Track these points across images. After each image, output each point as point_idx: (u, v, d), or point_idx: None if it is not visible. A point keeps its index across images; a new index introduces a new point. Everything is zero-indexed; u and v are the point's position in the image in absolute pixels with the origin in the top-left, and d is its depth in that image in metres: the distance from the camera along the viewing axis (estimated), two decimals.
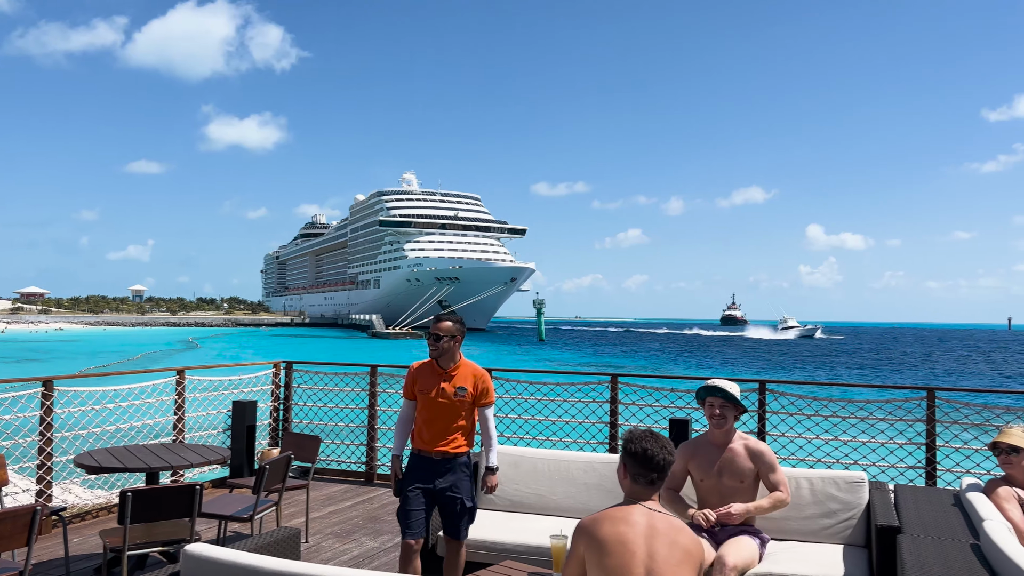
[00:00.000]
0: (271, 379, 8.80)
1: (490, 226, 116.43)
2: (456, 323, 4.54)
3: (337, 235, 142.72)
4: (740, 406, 4.45)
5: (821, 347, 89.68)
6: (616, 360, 60.05)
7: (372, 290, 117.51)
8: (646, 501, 2.94)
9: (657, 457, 2.93)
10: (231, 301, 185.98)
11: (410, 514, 4.38)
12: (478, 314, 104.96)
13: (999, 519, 3.80)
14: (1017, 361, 65.91)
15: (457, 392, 4.45)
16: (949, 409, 6.57)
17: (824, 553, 4.39)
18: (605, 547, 2.81)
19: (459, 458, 4.50)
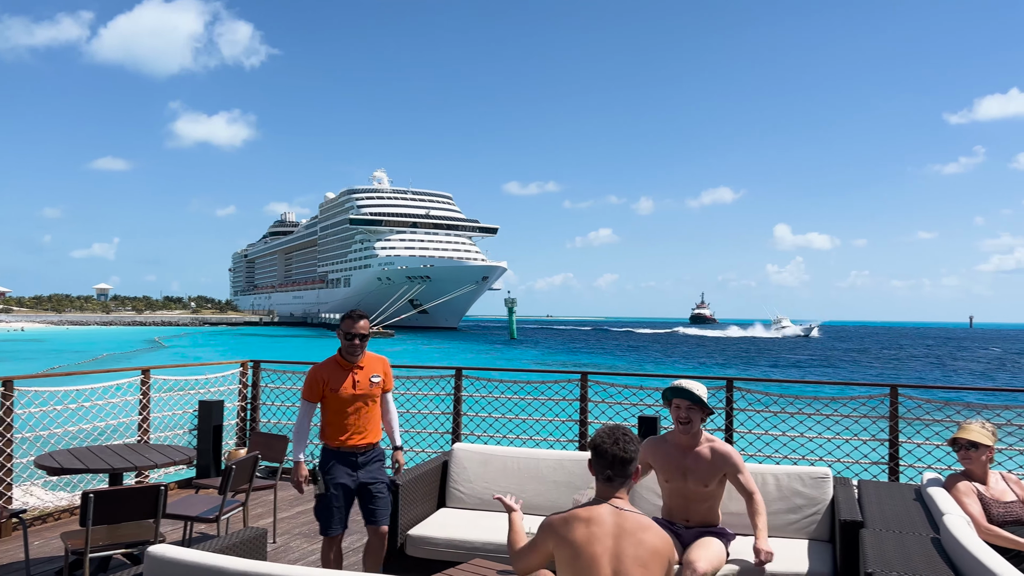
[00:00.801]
0: (238, 379, 8.70)
1: (462, 225, 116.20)
2: (369, 320, 4.74)
3: (307, 233, 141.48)
4: (707, 408, 4.35)
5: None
6: (591, 359, 60.26)
7: (342, 289, 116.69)
8: (613, 498, 2.94)
9: (609, 451, 2.92)
10: (199, 300, 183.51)
11: (336, 510, 4.55)
12: (449, 313, 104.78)
13: (958, 513, 3.89)
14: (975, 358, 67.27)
15: (372, 381, 4.66)
16: (912, 406, 6.69)
17: (789, 548, 4.45)
18: (575, 548, 2.82)
19: (377, 447, 4.75)
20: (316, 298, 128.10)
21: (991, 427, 4.47)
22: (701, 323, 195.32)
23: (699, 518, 4.26)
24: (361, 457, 4.63)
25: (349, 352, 4.61)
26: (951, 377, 48.04)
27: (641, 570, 2.77)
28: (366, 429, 4.66)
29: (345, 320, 4.63)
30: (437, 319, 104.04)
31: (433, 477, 5.26)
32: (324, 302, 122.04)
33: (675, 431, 4.36)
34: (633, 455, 2.95)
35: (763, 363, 56.56)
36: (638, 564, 2.77)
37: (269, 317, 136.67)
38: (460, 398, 8.00)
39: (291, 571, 2.63)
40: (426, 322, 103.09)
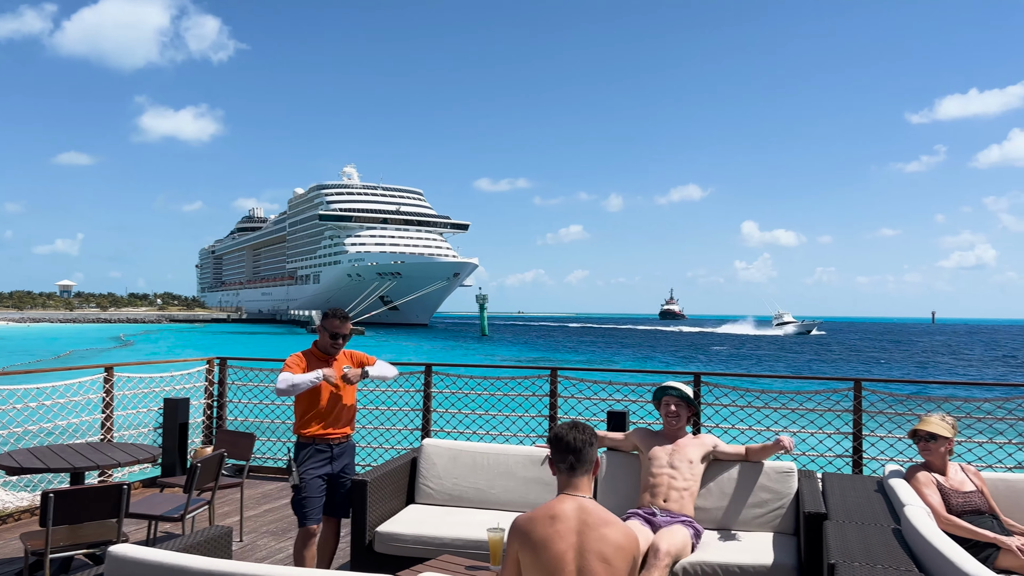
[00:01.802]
0: (205, 376, 8.59)
1: (433, 221, 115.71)
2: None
3: (275, 229, 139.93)
4: (693, 406, 4.93)
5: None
6: (562, 355, 60.38)
7: (312, 285, 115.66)
8: (576, 491, 2.94)
9: (567, 438, 2.95)
10: (165, 297, 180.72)
11: (314, 501, 4.62)
12: (421, 309, 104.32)
13: (918, 504, 3.96)
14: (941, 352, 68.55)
15: (352, 379, 4.70)
16: (875, 399, 6.80)
17: (755, 541, 4.50)
18: (538, 545, 2.81)
19: (351, 439, 4.86)
20: (285, 295, 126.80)
21: (951, 419, 4.56)
22: (670, 319, 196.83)
23: (675, 503, 4.51)
24: (336, 449, 4.72)
25: (330, 350, 4.72)
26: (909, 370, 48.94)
27: (604, 566, 2.77)
28: (341, 421, 4.75)
29: (331, 319, 4.70)
30: (408, 316, 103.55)
31: (402, 473, 5.24)
32: (293, 299, 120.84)
33: (664, 428, 4.91)
34: (593, 440, 3.02)
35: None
36: (601, 560, 2.77)
37: (237, 314, 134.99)
38: (430, 394, 7.98)
39: (255, 569, 2.60)
40: (397, 319, 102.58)
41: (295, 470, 4.61)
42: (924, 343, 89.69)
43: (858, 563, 3.23)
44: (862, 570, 3.15)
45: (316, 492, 4.63)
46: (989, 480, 4.54)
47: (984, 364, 54.77)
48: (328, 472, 4.70)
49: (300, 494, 4.60)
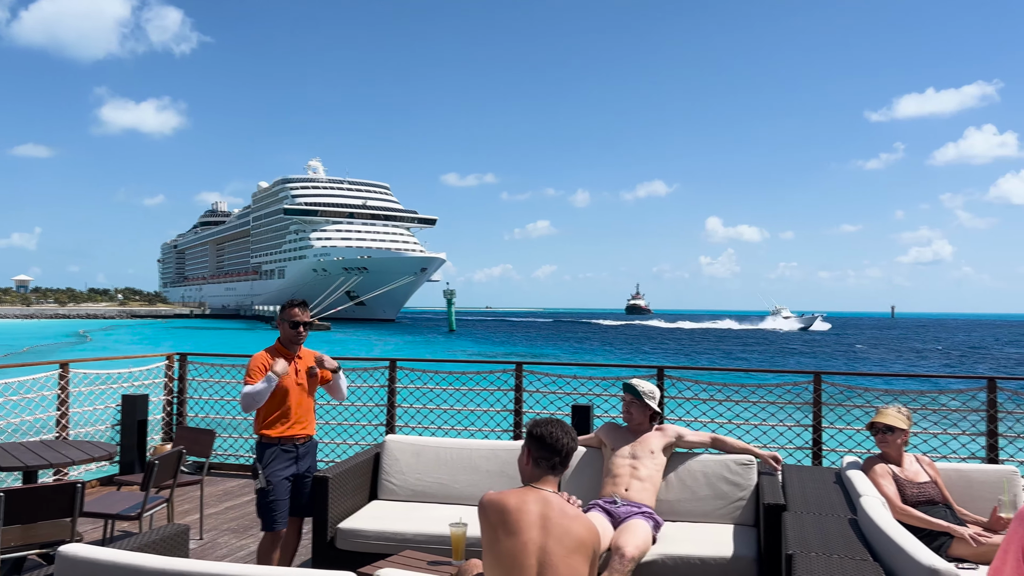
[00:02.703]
0: (164, 372, 8.44)
1: (400, 215, 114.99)
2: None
3: (239, 223, 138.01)
4: (649, 407, 4.85)
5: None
6: (530, 349, 60.48)
7: (276, 280, 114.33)
8: (544, 486, 2.96)
9: (562, 441, 2.98)
10: (126, 292, 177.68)
11: (281, 504, 4.52)
12: (388, 304, 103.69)
13: (874, 494, 4.03)
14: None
15: (310, 372, 4.69)
16: (834, 392, 6.91)
17: (716, 533, 4.54)
18: (499, 535, 2.81)
19: (313, 438, 4.79)
20: (249, 290, 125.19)
21: (906, 411, 4.65)
22: (637, 314, 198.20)
23: (636, 493, 4.54)
24: (300, 449, 4.64)
25: (293, 341, 4.65)
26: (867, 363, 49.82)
27: (565, 560, 2.78)
28: (305, 420, 4.68)
29: (289, 309, 4.64)
30: (375, 311, 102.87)
31: (364, 469, 5.20)
32: (257, 294, 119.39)
33: (625, 421, 4.97)
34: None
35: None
36: (563, 554, 2.78)
37: (200, 309, 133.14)
38: (394, 390, 7.93)
39: (210, 567, 2.56)
40: (364, 314, 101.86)
41: (261, 472, 4.48)
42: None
43: (815, 553, 3.28)
44: (819, 560, 3.20)
45: (284, 495, 4.52)
46: (943, 470, 4.64)
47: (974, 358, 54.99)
48: (294, 473, 4.61)
49: (267, 497, 4.48)
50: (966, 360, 52.70)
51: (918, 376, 10.02)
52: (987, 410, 6.52)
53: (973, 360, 52.49)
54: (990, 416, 6.50)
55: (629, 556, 4.00)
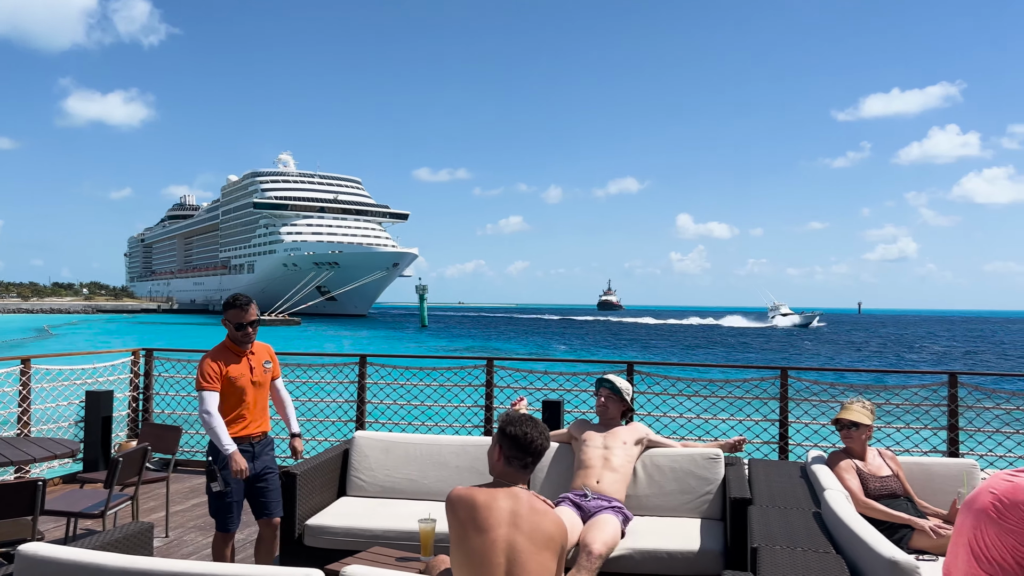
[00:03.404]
0: (130, 368, 8.31)
1: (371, 210, 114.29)
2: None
3: (208, 217, 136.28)
4: (625, 402, 4.96)
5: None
6: (504, 345, 60.48)
7: (246, 275, 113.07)
8: (515, 482, 2.95)
9: (536, 442, 2.95)
10: (91, 286, 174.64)
11: (236, 506, 4.41)
12: (359, 300, 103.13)
13: (838, 488, 4.10)
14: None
15: (264, 367, 4.56)
16: (800, 387, 7.01)
17: (683, 527, 4.59)
18: (468, 532, 2.81)
19: (268, 435, 4.63)
20: (218, 284, 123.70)
21: (870, 406, 4.72)
22: (608, 310, 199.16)
23: (608, 485, 4.58)
24: (256, 447, 4.50)
25: (241, 341, 4.45)
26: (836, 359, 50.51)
27: (535, 557, 2.78)
28: (261, 418, 4.55)
29: (232, 310, 4.40)
30: (346, 306, 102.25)
31: (333, 466, 5.17)
32: (227, 288, 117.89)
33: (598, 416, 5.02)
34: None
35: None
36: (532, 551, 2.78)
37: (168, 304, 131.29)
38: (364, 386, 7.89)
39: (172, 565, 2.52)
40: (334, 309, 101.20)
41: (220, 474, 4.32)
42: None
43: (779, 546, 3.33)
44: (783, 553, 3.24)
45: (238, 496, 4.41)
46: (905, 464, 4.73)
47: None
48: (250, 473, 4.42)
49: (225, 499, 4.35)
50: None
51: (882, 371, 10.11)
52: (948, 405, 6.65)
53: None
54: (951, 411, 6.63)
55: (597, 553, 4.02)
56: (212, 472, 4.33)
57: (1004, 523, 3.08)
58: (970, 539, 3.19)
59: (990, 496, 3.14)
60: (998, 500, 3.11)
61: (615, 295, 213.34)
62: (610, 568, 4.15)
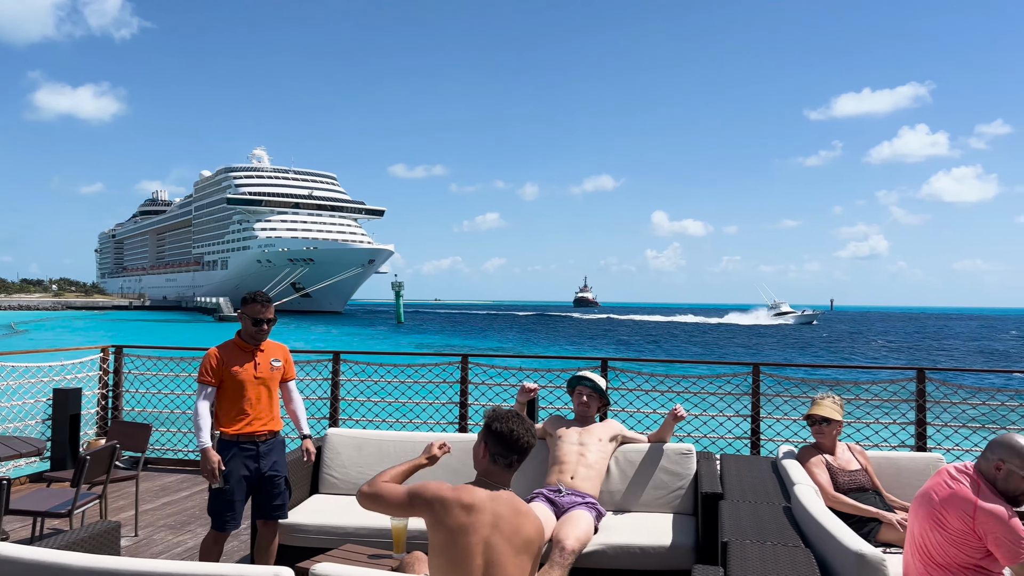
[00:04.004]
0: (99, 365, 8.19)
1: (347, 206, 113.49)
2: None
3: (181, 213, 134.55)
4: (605, 397, 5.04)
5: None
6: (484, 342, 60.42)
7: (219, 271, 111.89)
8: (499, 482, 2.90)
9: (523, 440, 2.89)
10: (61, 283, 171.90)
11: (236, 505, 4.29)
12: (335, 296, 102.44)
13: (807, 483, 4.14)
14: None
15: (272, 365, 4.46)
16: (772, 383, 7.07)
17: (655, 522, 4.62)
18: (450, 534, 2.76)
19: (278, 435, 4.51)
20: (191, 281, 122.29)
21: (840, 401, 4.78)
22: (584, 307, 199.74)
23: (582, 481, 4.60)
24: (262, 447, 4.38)
25: (254, 337, 4.39)
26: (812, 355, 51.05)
27: (513, 560, 2.76)
28: (267, 416, 4.42)
29: (252, 304, 4.36)
30: (321, 303, 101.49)
31: (305, 463, 5.12)
32: (200, 285, 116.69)
33: (576, 414, 5.05)
34: (535, 442, 2.98)
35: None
36: (511, 554, 2.75)
37: (140, 301, 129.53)
38: (338, 383, 7.85)
39: (139, 564, 2.49)
40: (309, 306, 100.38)
41: (219, 471, 4.26)
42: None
43: (749, 540, 3.36)
44: (753, 547, 3.27)
45: (240, 495, 4.30)
46: (873, 458, 4.80)
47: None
48: (254, 473, 4.35)
49: (223, 497, 4.26)
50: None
51: (852, 367, 10.32)
52: (916, 400, 6.75)
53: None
54: (919, 405, 6.73)
55: (569, 549, 4.03)
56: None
57: (945, 533, 3.13)
58: (917, 540, 3.25)
59: (934, 507, 3.20)
60: (940, 508, 3.16)
61: (591, 292, 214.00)
62: (583, 563, 4.16)
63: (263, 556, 4.45)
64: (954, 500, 3.14)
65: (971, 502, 3.09)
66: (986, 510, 3.06)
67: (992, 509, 3.06)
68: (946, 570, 3.14)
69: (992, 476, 3.17)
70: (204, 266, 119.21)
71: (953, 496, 3.15)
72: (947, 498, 3.17)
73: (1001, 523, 3.03)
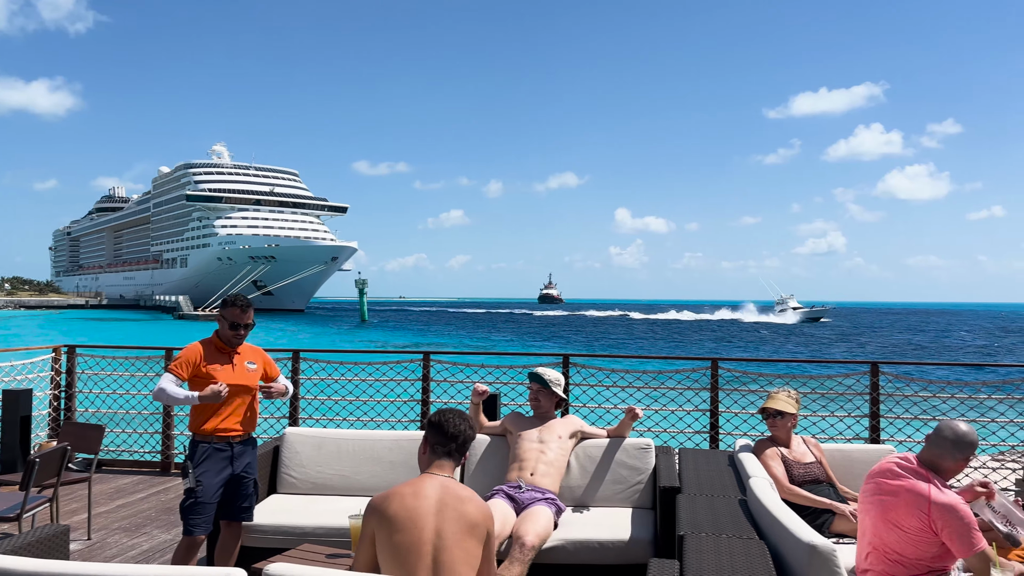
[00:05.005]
0: (51, 365, 8.00)
1: (309, 203, 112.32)
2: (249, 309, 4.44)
3: (139, 210, 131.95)
4: (556, 394, 5.01)
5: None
6: (447, 340, 60.25)
7: (179, 269, 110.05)
8: (440, 471, 2.98)
9: (458, 428, 3.01)
10: (14, 281, 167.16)
11: (207, 508, 4.20)
12: (297, 294, 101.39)
13: (763, 475, 4.21)
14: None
15: (248, 368, 4.40)
16: (730, 377, 7.17)
17: (614, 517, 4.65)
18: (395, 524, 2.81)
19: (252, 436, 4.49)
20: (150, 279, 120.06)
21: (795, 395, 4.86)
22: (549, 303, 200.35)
23: (541, 478, 4.62)
24: (236, 448, 4.33)
25: (230, 341, 4.34)
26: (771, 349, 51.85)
27: (461, 545, 2.80)
28: (242, 418, 4.36)
29: (231, 308, 4.31)
30: (283, 301, 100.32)
31: (263, 463, 5.06)
32: (159, 283, 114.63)
33: (532, 409, 5.08)
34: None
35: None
36: (457, 537, 2.80)
37: (97, 300, 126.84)
38: (298, 381, 7.76)
39: (87, 568, 2.44)
40: (271, 304, 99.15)
41: (192, 471, 4.17)
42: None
43: (705, 533, 3.40)
44: (708, 540, 3.32)
45: (211, 498, 4.20)
46: (827, 451, 4.89)
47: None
48: (228, 475, 4.29)
49: (193, 499, 4.17)
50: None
51: (808, 361, 10.51)
52: (870, 393, 6.89)
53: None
54: (873, 399, 6.87)
55: (529, 545, 4.05)
56: (185, 468, 4.20)
57: (902, 532, 3.21)
58: (871, 537, 3.33)
59: (884, 504, 3.28)
60: (893, 509, 3.24)
61: (556, 289, 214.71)
62: (543, 559, 4.18)
63: (224, 558, 4.37)
64: (906, 497, 3.20)
65: (924, 497, 3.14)
66: (940, 504, 3.11)
67: (946, 502, 3.12)
68: (901, 566, 3.22)
69: (935, 464, 3.27)
70: (163, 264, 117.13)
71: (904, 493, 3.21)
72: (899, 497, 3.23)
73: (955, 515, 3.10)
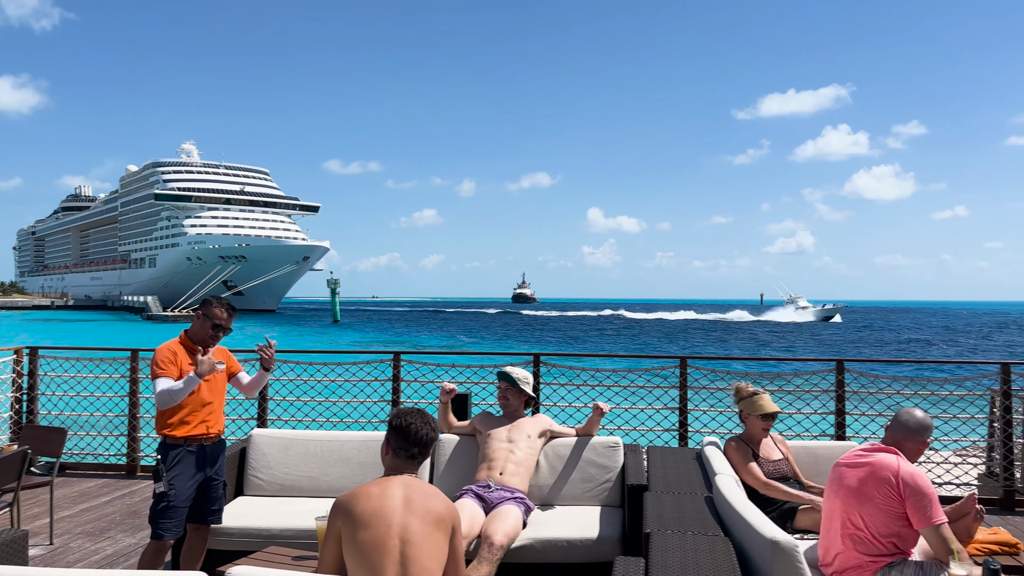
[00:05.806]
0: (12, 367, 7.84)
1: (280, 202, 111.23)
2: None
3: (106, 209, 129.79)
4: (525, 392, 5.02)
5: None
6: (421, 339, 60.06)
7: (147, 269, 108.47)
8: (404, 472, 2.99)
9: (420, 431, 3.00)
10: None
11: (178, 512, 4.14)
12: (268, 294, 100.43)
13: (729, 473, 4.25)
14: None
15: (217, 368, 4.31)
16: (699, 376, 7.22)
17: (583, 515, 4.66)
18: (361, 521, 2.81)
19: (222, 437, 4.44)
20: (117, 279, 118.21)
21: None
22: (522, 303, 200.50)
23: (510, 477, 4.62)
24: (208, 448, 4.29)
25: (205, 342, 4.27)
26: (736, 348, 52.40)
27: (428, 538, 2.82)
28: (213, 418, 4.32)
29: (216, 308, 4.27)
30: (254, 301, 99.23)
31: (230, 465, 5.00)
32: (127, 283, 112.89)
33: (501, 408, 5.08)
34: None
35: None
36: (425, 531, 2.82)
37: (63, 300, 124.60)
38: (266, 382, 7.67)
39: (42, 574, 2.40)
40: (242, 304, 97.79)
41: (165, 475, 4.09)
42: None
43: (671, 531, 3.42)
44: (674, 537, 3.34)
45: (183, 502, 4.14)
46: (793, 448, 4.95)
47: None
48: (200, 477, 4.23)
49: (165, 503, 4.08)
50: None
51: (775, 360, 10.58)
52: (836, 390, 6.98)
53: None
54: (838, 396, 6.97)
55: (498, 544, 4.05)
56: (158, 472, 4.12)
57: (873, 502, 3.32)
58: (842, 522, 3.43)
59: (854, 480, 3.40)
60: (862, 483, 3.38)
61: (529, 288, 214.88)
62: (512, 558, 4.18)
63: (191, 561, 4.32)
64: (875, 470, 3.39)
65: (894, 468, 3.35)
66: (908, 472, 3.33)
67: (913, 472, 3.34)
68: (866, 543, 3.33)
69: (898, 447, 3.49)
70: (131, 264, 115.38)
71: (874, 466, 3.39)
72: (869, 470, 3.40)
73: (919, 486, 3.30)
